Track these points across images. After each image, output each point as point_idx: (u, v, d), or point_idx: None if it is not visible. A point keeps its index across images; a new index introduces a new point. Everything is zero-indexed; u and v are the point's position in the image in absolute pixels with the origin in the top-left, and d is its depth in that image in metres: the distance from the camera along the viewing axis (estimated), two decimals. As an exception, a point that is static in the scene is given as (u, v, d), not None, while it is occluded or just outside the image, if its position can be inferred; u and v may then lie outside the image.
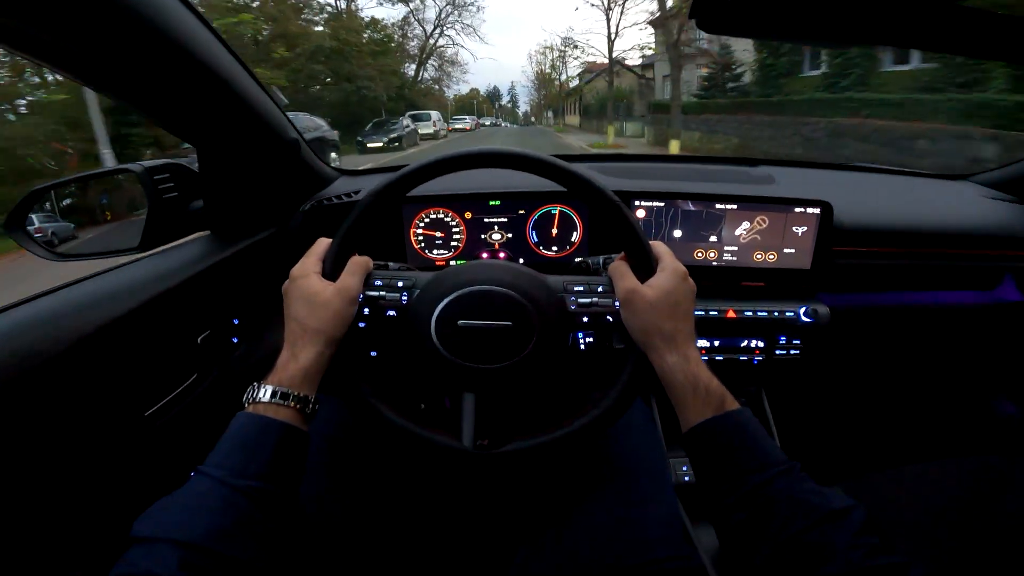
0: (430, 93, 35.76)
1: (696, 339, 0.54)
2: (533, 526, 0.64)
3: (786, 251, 0.93)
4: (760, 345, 0.96)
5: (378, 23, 26.24)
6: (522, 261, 0.93)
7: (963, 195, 1.14)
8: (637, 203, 0.91)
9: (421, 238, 0.94)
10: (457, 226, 0.93)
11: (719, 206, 0.91)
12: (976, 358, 1.16)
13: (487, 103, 76.25)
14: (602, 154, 1.27)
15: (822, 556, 0.39)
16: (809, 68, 10.76)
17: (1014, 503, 0.72)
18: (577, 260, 0.72)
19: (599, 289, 0.58)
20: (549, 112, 47.87)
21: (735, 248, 0.93)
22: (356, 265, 0.55)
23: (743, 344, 0.96)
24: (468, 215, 0.93)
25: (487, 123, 50.86)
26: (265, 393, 0.47)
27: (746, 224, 0.91)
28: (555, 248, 0.95)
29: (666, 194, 0.91)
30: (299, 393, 0.48)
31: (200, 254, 0.77)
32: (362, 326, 0.57)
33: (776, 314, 0.92)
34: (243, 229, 0.84)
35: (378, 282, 0.57)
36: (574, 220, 0.93)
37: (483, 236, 0.94)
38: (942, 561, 0.66)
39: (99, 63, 0.53)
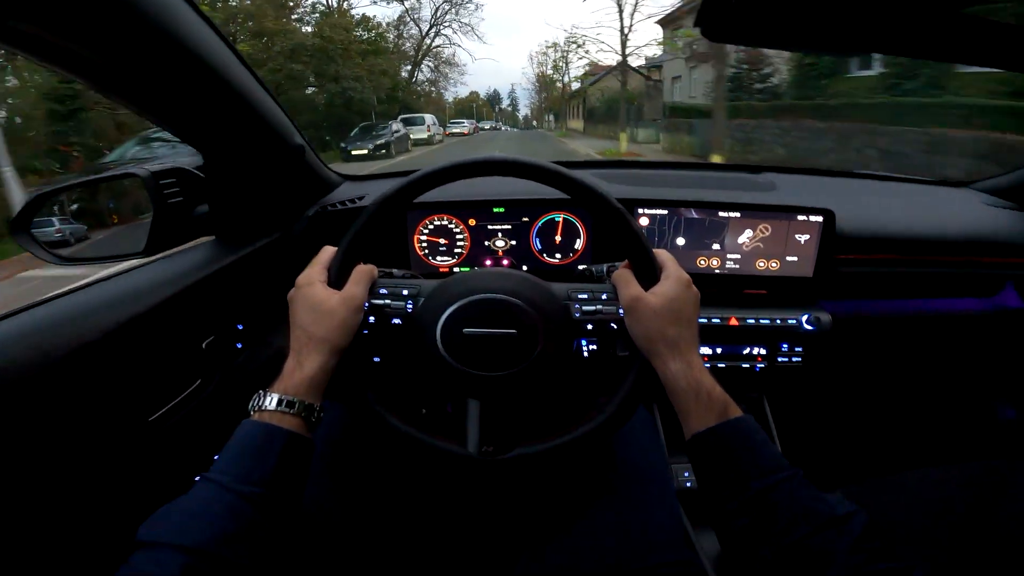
0: (428, 96, 34.51)
1: (699, 346, 0.54)
2: (535, 531, 0.64)
3: (788, 259, 0.93)
4: (762, 352, 0.96)
5: (369, 21, 24.41)
6: (525, 268, 0.93)
7: (964, 202, 1.14)
8: (640, 211, 0.91)
9: (425, 245, 0.94)
10: (461, 233, 0.94)
11: (722, 214, 0.91)
12: (977, 364, 1.16)
13: (487, 106, 76.31)
14: (604, 160, 1.28)
15: (824, 561, 0.39)
16: (858, 68, 8.94)
17: (1012, 507, 0.72)
18: (581, 268, 0.72)
19: (603, 297, 0.58)
20: (550, 115, 46.80)
21: (738, 256, 0.93)
22: (361, 274, 0.55)
23: (745, 351, 0.96)
24: (472, 222, 0.93)
25: (486, 127, 49.61)
26: (271, 401, 0.47)
27: (749, 232, 0.92)
28: (559, 255, 0.95)
29: (669, 202, 0.91)
30: (305, 401, 0.48)
31: (205, 259, 0.77)
32: (365, 332, 0.57)
33: (778, 321, 0.93)
34: (248, 234, 0.84)
35: (383, 290, 0.58)
36: (578, 227, 0.93)
37: (487, 243, 0.94)
38: (943, 565, 0.66)
39: (108, 67, 0.53)
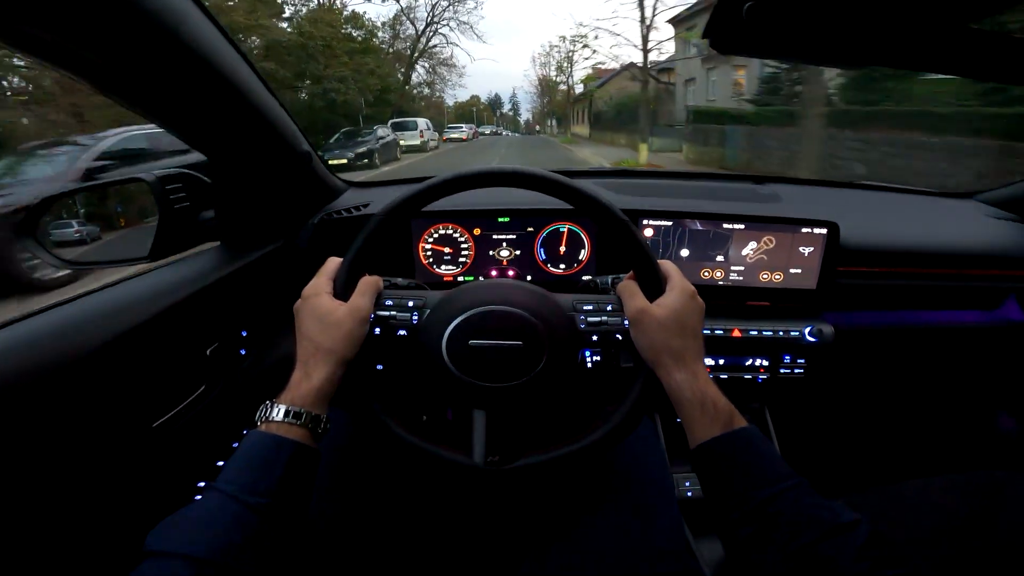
0: (428, 99, 33.21)
1: (704, 356, 0.55)
2: (538, 540, 0.64)
3: (792, 271, 0.93)
4: (765, 364, 0.96)
5: (359, 18, 22.62)
6: (530, 278, 0.93)
7: (968, 214, 1.15)
8: (645, 222, 0.91)
9: (430, 253, 0.94)
10: (466, 242, 0.94)
11: (727, 226, 0.91)
12: (979, 376, 1.16)
13: (488, 110, 76.43)
14: (608, 169, 1.28)
15: (829, 569, 0.39)
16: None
17: (1012, 517, 0.72)
18: (585, 279, 0.72)
19: (608, 308, 0.58)
20: (553, 120, 46.30)
21: (741, 268, 0.93)
22: (367, 285, 0.56)
23: (748, 363, 0.96)
24: (477, 231, 0.93)
25: (487, 131, 48.35)
26: (278, 412, 0.48)
27: (753, 244, 0.92)
28: (563, 266, 0.95)
29: (674, 213, 0.91)
30: (311, 413, 0.49)
31: (210, 266, 0.77)
32: (370, 343, 0.57)
33: (781, 333, 0.93)
34: (253, 240, 0.84)
35: (389, 302, 0.58)
36: (582, 238, 0.93)
37: (491, 253, 0.94)
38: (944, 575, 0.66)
39: (115, 71, 0.53)
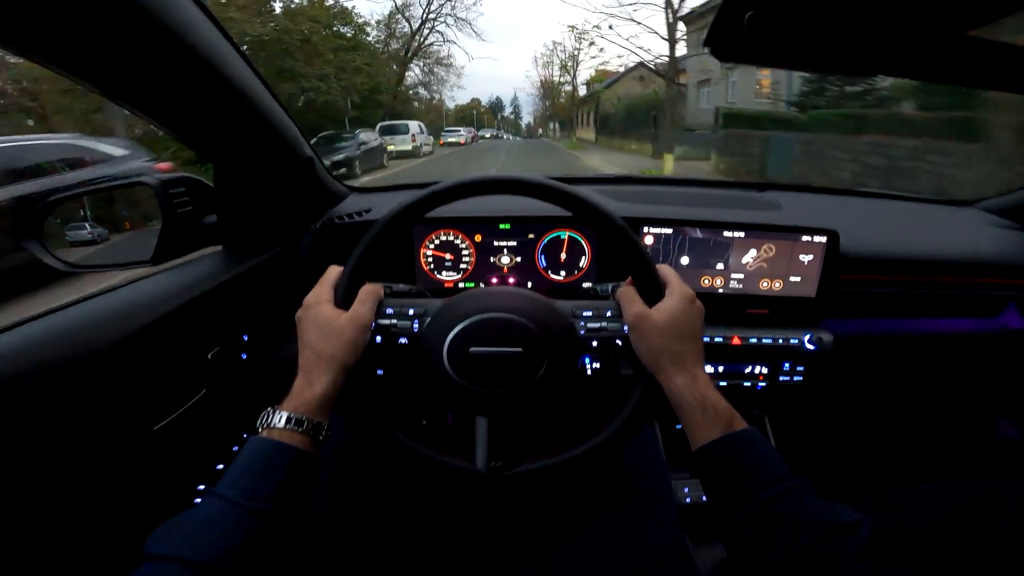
0: (428, 102, 31.77)
1: (704, 360, 0.55)
2: (538, 544, 0.64)
3: (792, 279, 0.93)
4: (764, 371, 0.97)
5: (348, 13, 20.96)
6: (530, 285, 0.94)
7: (969, 222, 1.15)
8: (646, 229, 0.91)
9: (431, 259, 0.94)
10: (467, 249, 0.94)
11: (727, 234, 0.91)
12: (978, 384, 1.16)
13: (488, 113, 76.50)
14: (610, 176, 1.28)
15: (830, 569, 0.40)
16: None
17: (1009, 525, 0.72)
18: (586, 286, 0.72)
19: (607, 314, 0.59)
20: (555, 123, 45.45)
21: (741, 276, 0.94)
22: (368, 294, 0.56)
23: (747, 370, 0.97)
24: (478, 238, 0.93)
25: (487, 135, 47.21)
26: (280, 419, 0.48)
27: (753, 252, 0.92)
28: (563, 273, 0.95)
29: (674, 221, 0.92)
30: (313, 420, 0.49)
31: (213, 271, 0.77)
32: (371, 350, 0.57)
33: (780, 341, 0.93)
34: (255, 245, 0.85)
35: (390, 310, 0.58)
36: (583, 245, 0.94)
37: (492, 260, 0.94)
38: None
39: (123, 76, 0.54)
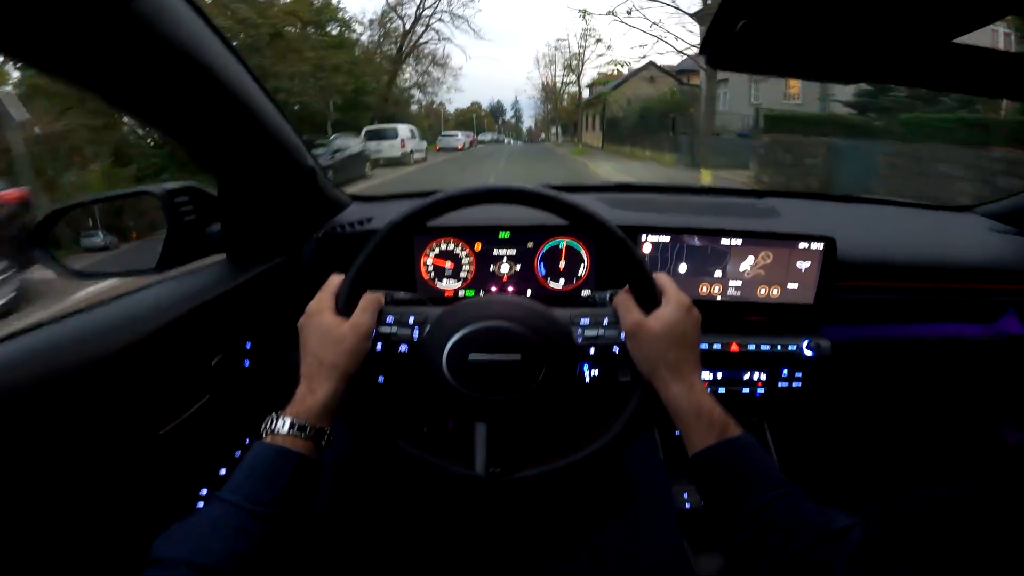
0: (428, 106, 30.68)
1: (701, 368, 0.56)
2: (538, 550, 0.65)
3: (790, 286, 0.94)
4: (762, 378, 0.97)
5: (332, 8, 19.21)
6: (530, 293, 0.95)
7: (967, 227, 1.15)
8: (644, 237, 0.92)
9: (431, 268, 0.95)
10: (467, 257, 0.95)
11: (724, 241, 0.92)
12: (978, 389, 1.16)
13: (489, 117, 76.57)
14: (609, 184, 1.30)
15: (822, 574, 0.40)
16: None
17: (1013, 530, 0.73)
18: (584, 294, 0.73)
19: (605, 322, 0.59)
20: (557, 128, 44.57)
21: (739, 283, 0.94)
22: (369, 302, 0.57)
23: (746, 377, 0.97)
24: (478, 247, 0.94)
25: (486, 139, 45.26)
26: (283, 425, 0.49)
27: (751, 259, 0.93)
28: (562, 281, 0.96)
29: (672, 229, 0.92)
30: (316, 426, 0.50)
31: (217, 279, 0.78)
32: (372, 358, 0.58)
33: (779, 348, 0.94)
34: (258, 254, 0.86)
35: (390, 318, 0.59)
36: (581, 254, 0.94)
37: (492, 268, 0.95)
38: None
39: (128, 86, 0.54)
